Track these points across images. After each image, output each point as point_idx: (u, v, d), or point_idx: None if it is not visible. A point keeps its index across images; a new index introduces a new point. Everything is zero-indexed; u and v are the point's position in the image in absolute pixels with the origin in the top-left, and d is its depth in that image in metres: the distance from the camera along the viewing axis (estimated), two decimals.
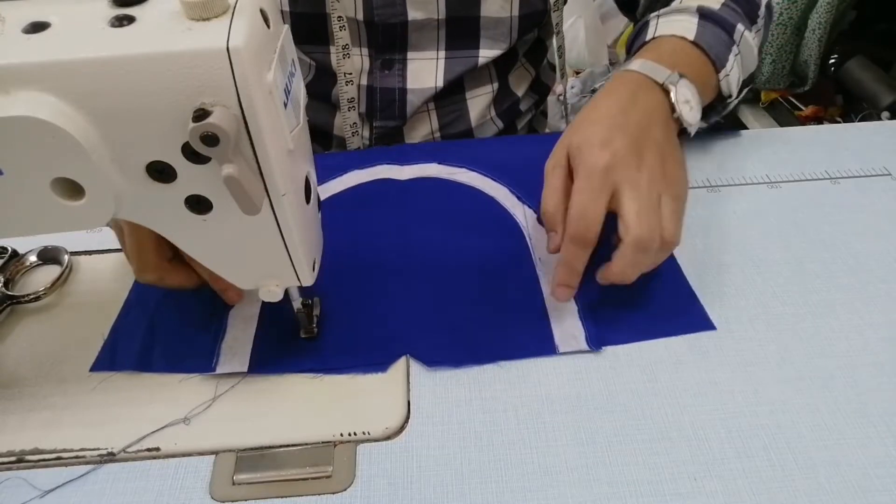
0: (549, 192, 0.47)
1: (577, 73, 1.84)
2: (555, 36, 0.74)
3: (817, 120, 1.50)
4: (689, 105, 0.49)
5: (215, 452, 0.41)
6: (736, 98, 0.57)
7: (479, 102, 0.74)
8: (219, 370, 0.45)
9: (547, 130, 0.90)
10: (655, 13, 0.58)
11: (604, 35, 1.90)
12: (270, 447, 0.42)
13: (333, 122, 0.73)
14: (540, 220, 0.54)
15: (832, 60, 1.37)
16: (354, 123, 0.70)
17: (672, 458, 0.40)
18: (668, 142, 0.47)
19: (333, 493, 0.39)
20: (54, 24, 0.32)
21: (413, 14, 0.65)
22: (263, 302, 0.46)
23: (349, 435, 0.42)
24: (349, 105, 0.69)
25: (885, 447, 0.40)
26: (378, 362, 0.46)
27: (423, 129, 0.74)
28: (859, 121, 1.33)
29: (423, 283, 0.51)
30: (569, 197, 0.45)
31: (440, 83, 0.69)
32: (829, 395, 0.43)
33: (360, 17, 0.65)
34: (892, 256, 0.52)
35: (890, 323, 0.47)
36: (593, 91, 1.45)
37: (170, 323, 0.49)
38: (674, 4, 0.59)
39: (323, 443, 0.42)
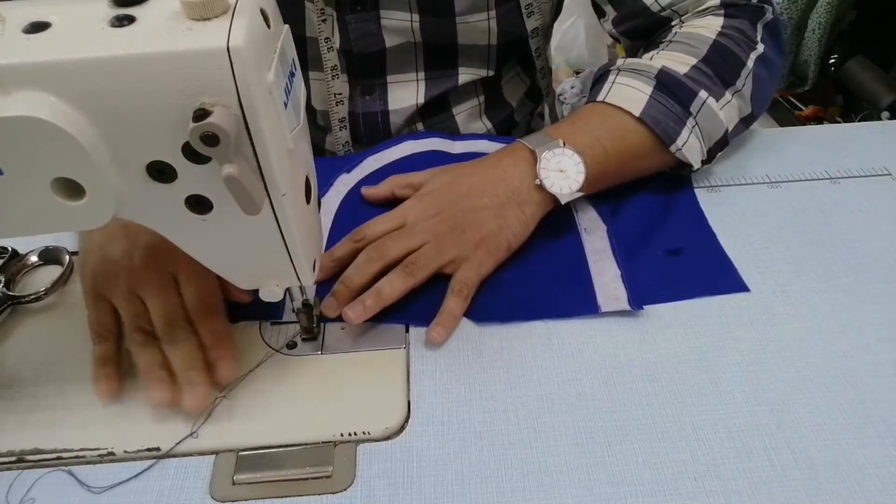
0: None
1: (577, 73, 1.84)
2: (536, 59, 0.73)
3: (817, 120, 1.50)
4: (563, 174, 0.51)
5: (215, 452, 0.41)
6: (709, 161, 0.57)
7: (465, 116, 0.74)
8: (285, 317, 0.48)
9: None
10: (621, 62, 0.57)
11: (604, 35, 1.90)
12: (270, 447, 0.42)
13: (325, 139, 0.73)
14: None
15: (832, 60, 1.37)
16: (347, 142, 0.70)
17: (672, 458, 0.40)
18: (487, 210, 0.51)
19: (333, 493, 0.39)
20: (54, 24, 0.32)
21: (390, 41, 0.65)
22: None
23: (349, 435, 0.42)
24: (340, 125, 0.69)
25: (884, 447, 0.40)
26: (430, 318, 0.48)
27: None
28: (859, 121, 1.33)
29: None
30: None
31: (421, 100, 0.69)
32: (829, 395, 0.43)
33: (338, 45, 0.64)
34: (892, 256, 0.52)
35: (890, 323, 0.47)
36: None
37: None
38: (642, 58, 0.57)
39: (323, 443, 0.42)
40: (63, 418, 0.43)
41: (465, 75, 0.69)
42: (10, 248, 0.54)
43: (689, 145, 0.54)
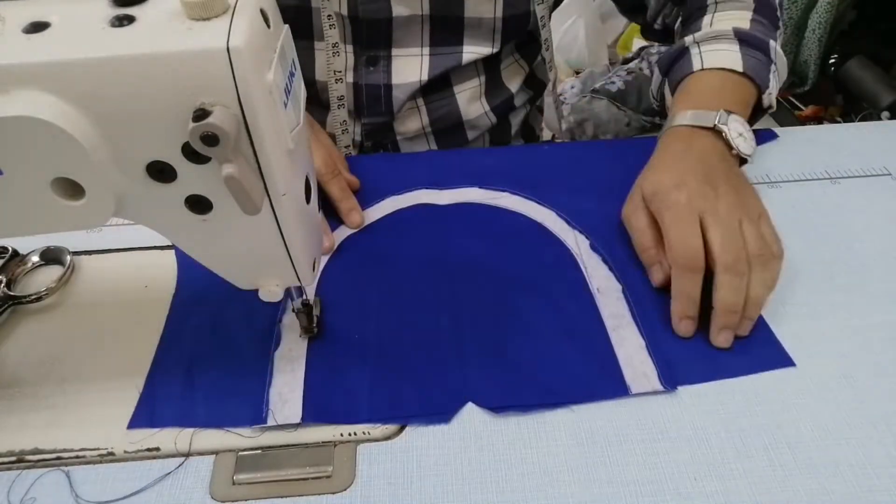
0: (640, 233, 0.51)
1: (578, 72, 1.84)
2: (541, 29, 0.74)
3: (817, 120, 1.50)
4: (742, 137, 0.53)
5: (215, 452, 0.41)
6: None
7: (466, 96, 0.74)
8: (270, 422, 0.42)
9: (543, 126, 0.90)
10: (691, 37, 0.60)
11: (604, 35, 1.90)
12: (270, 447, 0.42)
13: (326, 120, 0.74)
14: (593, 247, 0.53)
15: (832, 60, 1.37)
16: (344, 121, 0.71)
17: (672, 458, 0.40)
18: (733, 173, 0.52)
19: (333, 494, 0.39)
20: (54, 24, 0.32)
21: (397, 10, 0.65)
22: (309, 340, 0.46)
23: (349, 435, 0.42)
24: (339, 103, 0.70)
25: (885, 447, 0.40)
26: (440, 412, 0.43)
27: (413, 125, 0.74)
28: (859, 121, 1.33)
29: (474, 318, 0.48)
30: (659, 234, 0.49)
31: (424, 77, 0.70)
32: (829, 395, 0.43)
33: (345, 12, 0.65)
34: (892, 256, 0.52)
35: (890, 323, 0.47)
36: (594, 91, 1.44)
37: (210, 371, 0.45)
38: (707, 29, 0.60)
39: (323, 443, 0.42)
40: (63, 418, 0.43)
41: (468, 53, 0.70)
42: (10, 248, 0.54)
43: (773, 88, 0.59)
